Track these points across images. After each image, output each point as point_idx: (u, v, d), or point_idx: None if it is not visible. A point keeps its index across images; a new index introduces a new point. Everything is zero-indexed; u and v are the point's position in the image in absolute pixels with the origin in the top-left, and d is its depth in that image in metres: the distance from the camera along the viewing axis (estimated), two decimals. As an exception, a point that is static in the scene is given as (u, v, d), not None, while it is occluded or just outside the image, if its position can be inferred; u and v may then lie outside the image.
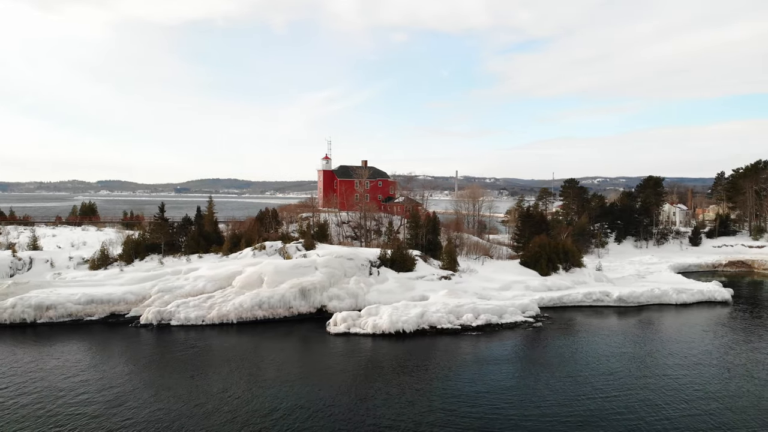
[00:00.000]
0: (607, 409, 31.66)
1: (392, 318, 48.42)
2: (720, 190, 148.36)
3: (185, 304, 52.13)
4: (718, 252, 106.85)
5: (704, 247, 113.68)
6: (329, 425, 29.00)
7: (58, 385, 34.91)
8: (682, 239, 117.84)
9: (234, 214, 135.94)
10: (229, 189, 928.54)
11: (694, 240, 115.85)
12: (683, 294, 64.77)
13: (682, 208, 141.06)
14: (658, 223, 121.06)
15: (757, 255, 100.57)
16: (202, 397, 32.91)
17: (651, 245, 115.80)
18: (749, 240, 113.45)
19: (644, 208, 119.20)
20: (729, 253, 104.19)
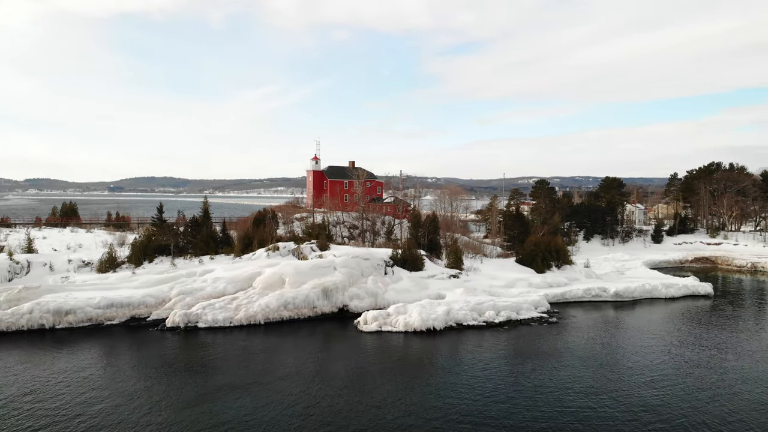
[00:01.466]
0: (654, 396, 34.25)
1: (422, 316, 49.85)
2: (673, 190, 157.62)
3: (211, 306, 51.80)
4: (680, 249, 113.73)
5: (666, 244, 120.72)
6: (404, 417, 30.19)
7: (105, 394, 34.52)
8: (645, 237, 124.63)
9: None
10: (165, 187, 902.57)
11: (656, 238, 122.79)
12: (671, 288, 69.24)
13: (640, 207, 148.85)
14: (623, 222, 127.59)
15: (717, 251, 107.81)
16: (268, 399, 33.37)
17: (617, 243, 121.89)
18: (707, 237, 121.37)
19: (610, 208, 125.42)
20: (692, 250, 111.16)
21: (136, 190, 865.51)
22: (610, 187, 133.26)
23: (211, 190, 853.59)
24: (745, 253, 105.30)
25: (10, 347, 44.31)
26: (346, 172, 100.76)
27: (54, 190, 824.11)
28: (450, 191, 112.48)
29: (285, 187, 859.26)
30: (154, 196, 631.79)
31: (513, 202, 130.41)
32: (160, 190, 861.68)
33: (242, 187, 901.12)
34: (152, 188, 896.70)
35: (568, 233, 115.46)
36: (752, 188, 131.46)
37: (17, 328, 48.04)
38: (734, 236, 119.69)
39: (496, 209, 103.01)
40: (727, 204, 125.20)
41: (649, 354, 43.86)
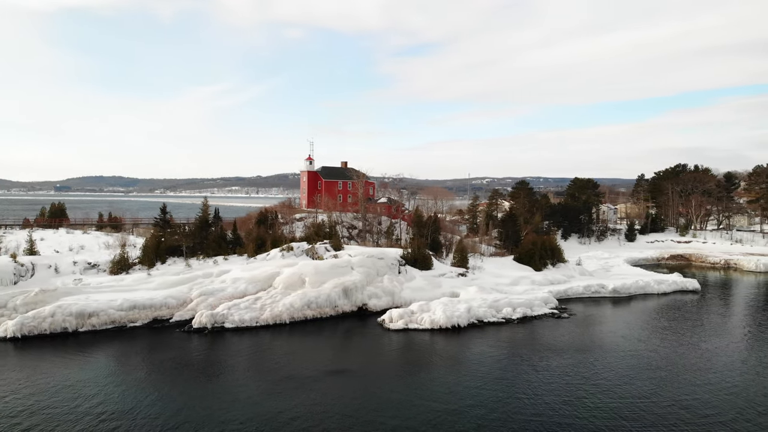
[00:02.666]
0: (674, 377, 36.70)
1: (446, 313, 51.26)
2: (640, 191, 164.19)
3: (236, 306, 51.85)
4: (654, 247, 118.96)
5: (639, 242, 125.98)
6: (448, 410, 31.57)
7: (151, 400, 34.64)
8: (619, 235, 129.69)
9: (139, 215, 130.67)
10: (114, 187, 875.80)
11: (630, 236, 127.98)
12: (662, 285, 72.86)
13: (610, 207, 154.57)
14: (599, 221, 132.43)
15: (689, 249, 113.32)
16: (331, 393, 34.17)
17: (593, 241, 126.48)
18: (677, 236, 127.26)
19: (586, 208, 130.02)
20: (665, 248, 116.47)
21: (84, 189, 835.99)
22: (585, 188, 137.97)
23: (162, 190, 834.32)
24: (715, 250, 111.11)
25: (42, 351, 43.47)
26: (340, 172, 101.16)
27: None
28: (435, 192, 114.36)
29: (240, 186, 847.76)
30: (103, 196, 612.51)
31: (493, 201, 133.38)
32: (110, 190, 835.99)
33: (194, 187, 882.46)
34: (101, 188, 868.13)
35: (548, 232, 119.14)
36: (716, 189, 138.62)
37: (39, 332, 46.94)
38: (702, 235, 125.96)
39: (484, 209, 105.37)
40: (696, 204, 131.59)
41: (668, 343, 46.53)
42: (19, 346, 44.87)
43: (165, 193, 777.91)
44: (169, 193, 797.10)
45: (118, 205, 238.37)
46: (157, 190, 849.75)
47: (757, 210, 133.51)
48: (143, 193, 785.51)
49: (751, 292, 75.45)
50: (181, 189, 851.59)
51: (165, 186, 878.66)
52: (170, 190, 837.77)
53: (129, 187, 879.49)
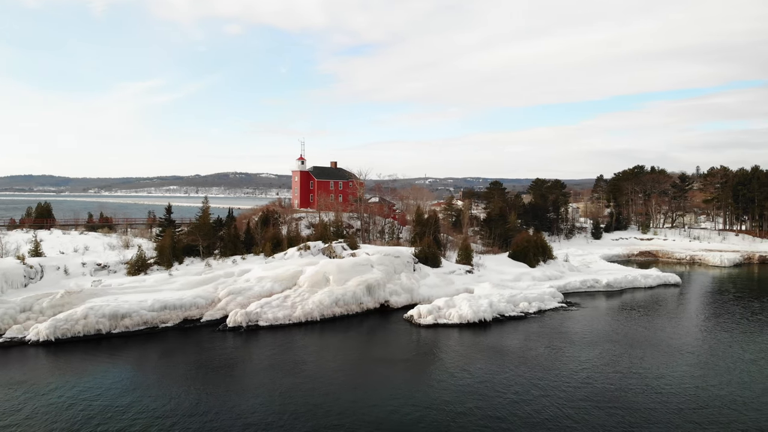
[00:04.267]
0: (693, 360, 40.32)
1: (473, 309, 53.43)
2: (599, 191, 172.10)
3: (268, 305, 52.32)
4: (620, 244, 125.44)
5: (605, 240, 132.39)
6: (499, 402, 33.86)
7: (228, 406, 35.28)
8: (586, 233, 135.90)
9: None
10: (44, 186, 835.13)
11: (596, 234, 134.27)
12: (648, 279, 77.68)
13: (573, 206, 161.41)
14: (567, 220, 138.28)
15: (655, 246, 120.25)
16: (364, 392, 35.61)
17: (562, 239, 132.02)
18: (639, 234, 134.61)
19: (555, 207, 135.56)
20: (632, 245, 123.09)
21: (12, 189, 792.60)
22: (553, 188, 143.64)
23: (97, 189, 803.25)
24: (676, 247, 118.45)
25: (85, 355, 42.85)
26: (332, 172, 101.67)
27: None
28: (414, 192, 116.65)
29: (178, 185, 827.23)
30: (33, 196, 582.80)
31: (468, 201, 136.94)
32: (39, 190, 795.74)
33: (130, 186, 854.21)
34: (30, 187, 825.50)
35: (520, 230, 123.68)
36: (671, 189, 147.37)
37: (73, 334, 46.03)
38: (663, 232, 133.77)
39: (468, 209, 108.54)
40: (656, 203, 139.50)
41: (674, 331, 50.34)
42: (52, 350, 43.90)
43: (99, 193, 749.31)
44: (104, 192, 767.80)
45: (56, 205, 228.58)
46: (90, 189, 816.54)
47: (712, 209, 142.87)
48: (76, 192, 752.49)
49: (725, 283, 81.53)
50: (116, 188, 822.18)
51: (99, 185, 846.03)
52: (105, 190, 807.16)
53: (60, 186, 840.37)
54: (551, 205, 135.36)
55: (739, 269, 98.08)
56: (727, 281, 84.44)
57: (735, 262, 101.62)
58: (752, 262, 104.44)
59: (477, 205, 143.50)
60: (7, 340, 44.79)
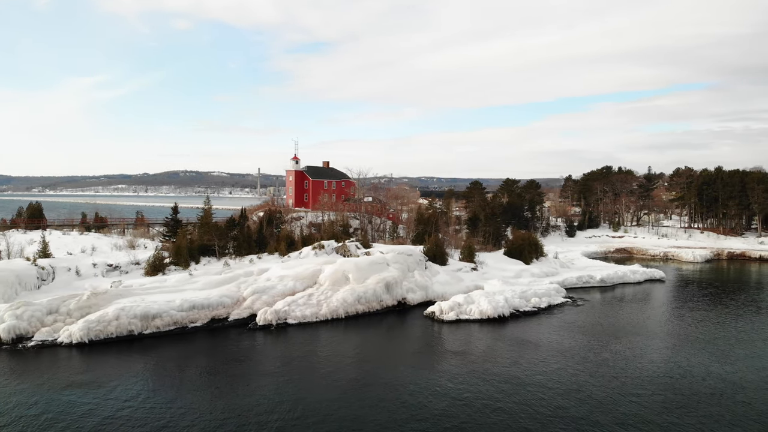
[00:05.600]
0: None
1: (492, 304, 55.48)
2: (569, 190, 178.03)
3: (295, 303, 53.00)
4: (593, 241, 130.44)
5: (578, 237, 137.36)
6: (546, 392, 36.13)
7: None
8: (560, 231, 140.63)
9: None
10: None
11: (570, 232, 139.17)
12: (636, 274, 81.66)
13: (545, 206, 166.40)
14: (542, 219, 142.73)
15: (626, 243, 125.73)
16: (414, 387, 37.32)
17: (538, 237, 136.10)
18: (611, 232, 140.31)
19: (531, 206, 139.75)
20: (605, 242, 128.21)
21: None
22: (529, 188, 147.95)
23: (41, 188, 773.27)
24: (647, 244, 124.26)
25: (129, 357, 42.68)
26: (326, 172, 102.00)
27: None
28: (397, 192, 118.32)
29: (126, 184, 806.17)
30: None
31: (450, 201, 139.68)
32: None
33: (76, 185, 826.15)
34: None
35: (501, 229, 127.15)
36: (638, 188, 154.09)
37: (106, 335, 45.63)
38: (633, 230, 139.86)
39: (452, 209, 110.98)
40: (625, 203, 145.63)
41: (684, 323, 53.77)
42: (86, 351, 43.49)
43: (44, 192, 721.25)
44: (49, 191, 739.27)
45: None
46: (34, 188, 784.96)
47: (677, 207, 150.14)
48: (19, 192, 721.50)
49: (704, 278, 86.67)
50: (61, 187, 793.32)
51: (43, 184, 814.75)
52: (49, 189, 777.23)
53: (1, 185, 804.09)
54: (527, 204, 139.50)
55: (710, 264, 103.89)
56: (706, 275, 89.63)
57: (706, 258, 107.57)
58: (721, 257, 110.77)
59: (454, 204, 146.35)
60: (38, 342, 44.06)
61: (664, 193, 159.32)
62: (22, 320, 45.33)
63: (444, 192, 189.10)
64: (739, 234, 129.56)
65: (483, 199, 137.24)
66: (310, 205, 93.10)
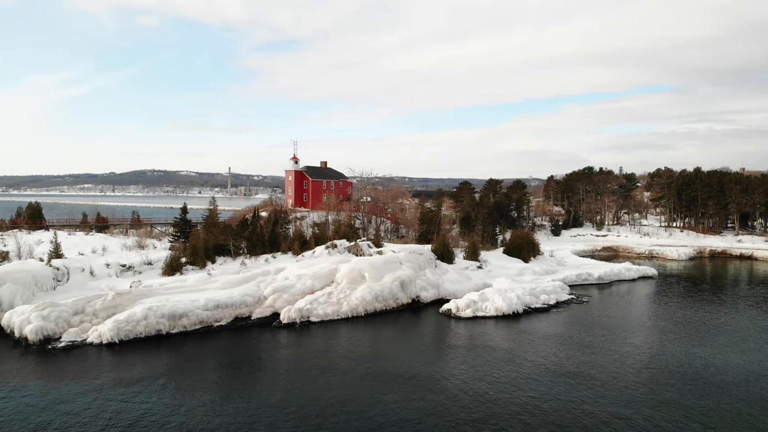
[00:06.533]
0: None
1: (506, 302, 57.15)
2: (550, 190, 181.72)
3: (317, 301, 53.82)
4: (578, 240, 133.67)
5: (564, 236, 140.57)
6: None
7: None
8: (546, 231, 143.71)
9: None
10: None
11: (555, 231, 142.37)
12: (630, 272, 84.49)
13: (531, 205, 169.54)
14: (528, 218, 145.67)
15: (610, 242, 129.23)
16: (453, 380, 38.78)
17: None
18: (594, 230, 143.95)
19: (518, 206, 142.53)
20: (588, 241, 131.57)
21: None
22: (515, 188, 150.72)
23: (4, 188, 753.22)
24: (631, 242, 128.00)
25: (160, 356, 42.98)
26: (324, 172, 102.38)
27: None
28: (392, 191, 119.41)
29: (93, 183, 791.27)
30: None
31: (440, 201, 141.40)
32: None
33: (41, 185, 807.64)
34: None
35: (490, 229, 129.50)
36: (619, 189, 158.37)
37: (135, 335, 45.82)
38: (615, 229, 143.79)
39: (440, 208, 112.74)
40: (608, 202, 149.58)
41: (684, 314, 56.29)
42: (116, 351, 43.64)
43: (8, 192, 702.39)
44: (12, 191, 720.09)
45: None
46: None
47: (657, 207, 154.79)
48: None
49: (693, 273, 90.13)
50: (25, 187, 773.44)
51: (6, 184, 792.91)
52: (13, 189, 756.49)
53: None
54: (514, 204, 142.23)
55: (694, 262, 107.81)
56: (694, 272, 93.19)
57: (690, 255, 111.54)
58: (703, 255, 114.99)
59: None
60: (69, 343, 43.98)
61: (640, 192, 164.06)
62: (48, 321, 45.17)
63: (431, 192, 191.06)
64: (717, 233, 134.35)
65: (472, 199, 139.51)
66: (310, 204, 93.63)
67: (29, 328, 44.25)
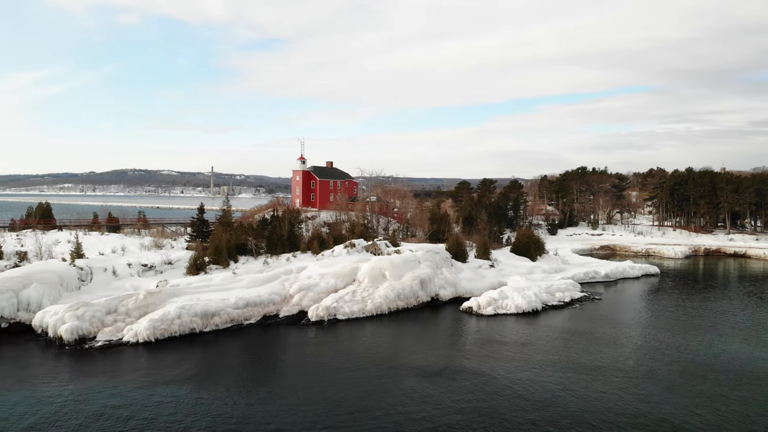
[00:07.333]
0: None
1: (526, 299, 58.48)
2: (543, 189, 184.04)
3: (342, 300, 54.63)
4: (575, 239, 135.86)
5: (560, 235, 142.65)
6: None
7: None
8: (542, 230, 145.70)
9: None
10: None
11: (552, 230, 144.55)
12: (634, 269, 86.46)
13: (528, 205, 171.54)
14: (525, 217, 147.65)
15: (605, 240, 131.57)
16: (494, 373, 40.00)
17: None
18: (590, 230, 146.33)
19: (515, 205, 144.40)
20: (585, 240, 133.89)
21: None
22: (512, 188, 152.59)
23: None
24: (626, 241, 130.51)
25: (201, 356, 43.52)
26: (331, 172, 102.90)
27: None
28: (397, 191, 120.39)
29: (73, 183, 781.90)
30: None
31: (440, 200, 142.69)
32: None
33: (20, 184, 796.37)
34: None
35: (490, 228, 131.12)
36: (612, 188, 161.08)
37: (170, 334, 46.29)
38: (610, 228, 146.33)
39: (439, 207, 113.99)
40: (603, 202, 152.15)
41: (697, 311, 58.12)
42: (153, 350, 44.09)
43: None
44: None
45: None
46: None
47: (650, 206, 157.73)
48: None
49: (692, 270, 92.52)
50: (3, 186, 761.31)
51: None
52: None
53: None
54: (511, 204, 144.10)
55: (690, 260, 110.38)
56: (693, 270, 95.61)
57: (686, 254, 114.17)
58: (699, 253, 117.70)
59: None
60: (105, 343, 44.30)
61: (628, 193, 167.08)
62: (83, 321, 45.41)
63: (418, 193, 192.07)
64: (709, 231, 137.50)
65: (471, 198, 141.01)
66: (317, 204, 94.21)
67: (64, 327, 44.43)
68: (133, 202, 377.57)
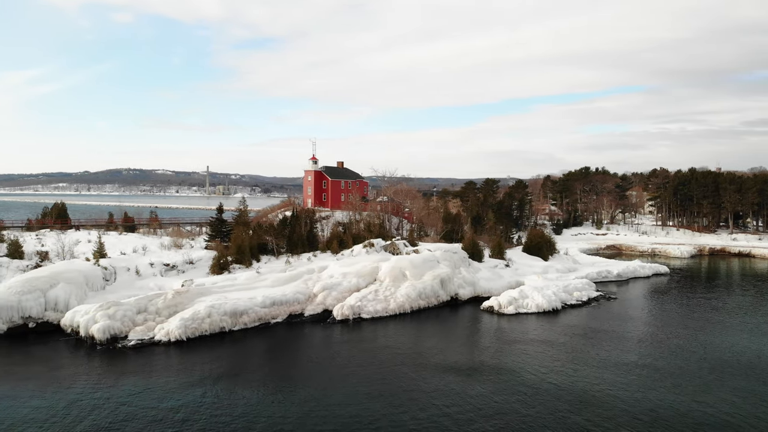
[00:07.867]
0: None
1: (546, 299, 59.16)
2: (546, 189, 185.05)
3: (365, 299, 55.22)
4: (580, 239, 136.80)
5: (565, 235, 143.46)
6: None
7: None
8: (547, 229, 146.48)
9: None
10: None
11: (557, 230, 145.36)
12: (645, 269, 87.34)
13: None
14: (530, 217, 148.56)
15: (611, 240, 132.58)
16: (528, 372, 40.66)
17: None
18: (594, 229, 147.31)
19: (520, 205, 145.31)
20: (590, 239, 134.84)
21: None
22: (517, 188, 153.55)
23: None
24: (632, 241, 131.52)
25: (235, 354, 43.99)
26: (342, 172, 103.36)
27: None
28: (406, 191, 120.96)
29: (67, 183, 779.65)
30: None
31: (447, 200, 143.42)
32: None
33: (14, 183, 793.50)
34: None
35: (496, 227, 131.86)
36: (615, 189, 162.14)
37: (201, 332, 46.77)
38: (614, 228, 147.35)
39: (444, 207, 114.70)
40: (607, 202, 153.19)
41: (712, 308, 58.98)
42: (185, 348, 44.53)
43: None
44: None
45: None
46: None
47: (652, 206, 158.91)
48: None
49: (700, 269, 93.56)
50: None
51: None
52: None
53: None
54: (517, 204, 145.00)
55: (696, 259, 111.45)
56: (701, 269, 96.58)
57: (691, 253, 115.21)
58: (704, 253, 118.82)
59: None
60: (138, 342, 44.67)
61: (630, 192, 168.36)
62: (115, 320, 45.77)
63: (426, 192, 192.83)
64: (712, 231, 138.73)
65: (477, 198, 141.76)
66: (329, 204, 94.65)
67: (96, 327, 44.79)
68: (129, 202, 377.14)
